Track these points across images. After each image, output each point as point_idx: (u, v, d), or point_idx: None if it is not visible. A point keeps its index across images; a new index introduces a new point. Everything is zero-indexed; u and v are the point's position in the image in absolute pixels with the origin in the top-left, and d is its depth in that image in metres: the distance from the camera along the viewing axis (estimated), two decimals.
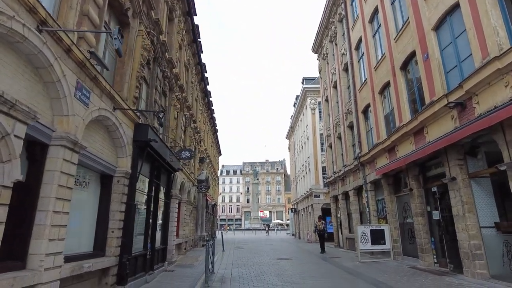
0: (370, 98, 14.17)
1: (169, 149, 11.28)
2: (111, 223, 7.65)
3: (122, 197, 7.93)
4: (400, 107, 11.34)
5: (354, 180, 16.79)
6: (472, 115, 7.51)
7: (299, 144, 38.14)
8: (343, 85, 18.52)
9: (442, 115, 8.79)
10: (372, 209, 14.49)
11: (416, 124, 9.94)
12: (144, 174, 9.69)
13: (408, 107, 10.94)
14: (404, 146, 11.14)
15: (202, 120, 26.69)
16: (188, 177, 18.47)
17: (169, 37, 14.18)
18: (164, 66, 12.29)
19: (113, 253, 7.53)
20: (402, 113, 11.16)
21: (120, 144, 7.97)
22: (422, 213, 10.44)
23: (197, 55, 20.08)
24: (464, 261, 8.10)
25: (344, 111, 18.32)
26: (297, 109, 37.48)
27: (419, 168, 10.67)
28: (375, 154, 13.64)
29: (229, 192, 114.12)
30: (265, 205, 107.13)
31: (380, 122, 13.23)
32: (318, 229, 18.53)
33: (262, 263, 12.80)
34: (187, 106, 17.53)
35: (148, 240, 9.89)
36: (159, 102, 11.50)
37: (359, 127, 15.72)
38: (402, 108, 11.20)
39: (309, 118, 31.46)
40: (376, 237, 12.43)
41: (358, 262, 12.11)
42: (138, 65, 8.88)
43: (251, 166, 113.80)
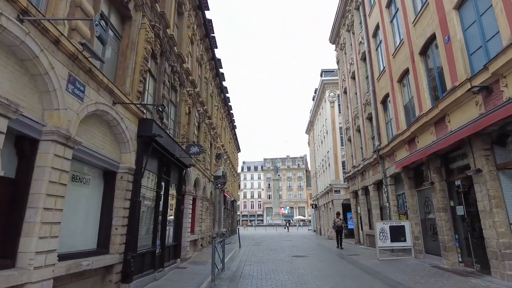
0: (389, 88, 13.40)
1: (178, 145, 11.09)
2: (115, 220, 7.53)
3: (126, 193, 7.79)
4: (420, 96, 10.58)
5: (374, 174, 16.05)
6: (500, 100, 6.77)
7: (319, 139, 37.32)
8: (361, 75, 17.72)
9: (465, 101, 8.04)
10: (392, 204, 13.76)
11: (437, 112, 9.19)
12: (151, 170, 9.56)
13: (428, 95, 10.17)
14: (424, 137, 10.39)
15: (219, 116, 26.54)
16: (204, 173, 18.35)
17: (179, 32, 14.00)
18: (173, 61, 12.10)
19: (117, 251, 7.41)
20: (422, 102, 10.40)
21: (123, 140, 7.82)
22: (444, 208, 9.70)
23: (210, 50, 19.84)
24: (492, 261, 7.38)
25: (362, 102, 17.54)
26: (316, 102, 36.63)
27: (441, 160, 9.92)
28: (394, 147, 12.89)
29: (250, 188, 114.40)
30: (286, 201, 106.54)
31: (399, 112, 12.47)
32: (336, 225, 18.77)
33: (276, 261, 12.45)
34: (200, 101, 17.35)
35: (157, 237, 9.77)
36: (167, 97, 11.33)
37: (378, 118, 14.96)
38: (422, 96, 10.43)
39: (328, 112, 30.62)
40: (396, 233, 11.75)
41: (377, 260, 11.50)
42: (142, 59, 8.69)
43: (272, 162, 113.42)
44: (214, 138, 23.07)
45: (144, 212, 8.99)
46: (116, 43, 8.07)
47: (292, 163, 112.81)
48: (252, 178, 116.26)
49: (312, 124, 42.66)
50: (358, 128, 19.01)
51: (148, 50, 8.91)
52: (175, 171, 11.96)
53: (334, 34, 23.75)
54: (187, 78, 14.41)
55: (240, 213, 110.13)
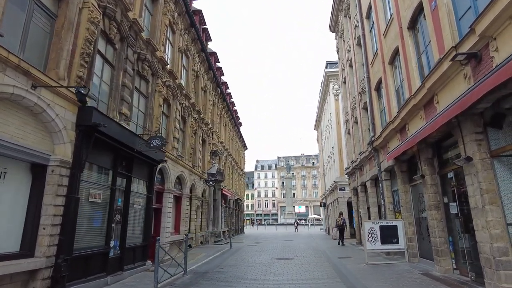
0: (381, 71, 12.00)
1: (140, 137, 10.15)
2: (43, 219, 6.64)
3: (58, 189, 6.89)
4: (410, 76, 9.20)
5: (371, 169, 14.65)
6: (490, 68, 5.41)
7: (325, 134, 35.81)
8: (358, 61, 16.29)
9: (452, 76, 6.68)
10: (388, 202, 12.36)
11: (425, 93, 7.82)
12: (102, 164, 8.65)
13: (418, 75, 8.78)
14: (414, 123, 9.01)
15: (215, 112, 25.58)
16: (191, 170, 17.41)
17: (153, 18, 13.08)
18: (139, 48, 11.18)
19: (44, 253, 6.52)
20: (412, 83, 9.02)
21: (53, 129, 6.92)
22: (437, 205, 8.30)
23: (198, 40, 18.84)
24: (485, 270, 6.01)
25: (358, 91, 16.12)
26: (321, 96, 35.11)
27: (432, 149, 8.52)
28: (387, 136, 11.50)
29: (264, 187, 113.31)
30: (301, 199, 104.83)
31: (391, 98, 11.08)
32: (338, 224, 19.51)
33: (254, 264, 11.33)
34: (184, 94, 16.41)
35: (111, 237, 8.85)
36: (130, 86, 10.41)
37: (372, 107, 13.55)
38: (412, 76, 9.05)
39: (332, 105, 29.12)
40: (387, 234, 10.39)
41: (365, 265, 10.19)
42: (84, 41, 7.77)
43: (286, 160, 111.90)
44: (208, 134, 22.12)
45: (90, 210, 8.08)
46: (48, 22, 7.17)
47: (306, 161, 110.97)
48: (266, 177, 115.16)
49: (319, 119, 41.12)
50: (356, 119, 17.57)
51: (91, 31, 7.96)
52: (142, 167, 11.03)
53: (333, 22, 22.31)
54: (164, 68, 13.49)
55: (254, 212, 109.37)
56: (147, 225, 11.47)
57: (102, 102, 9.17)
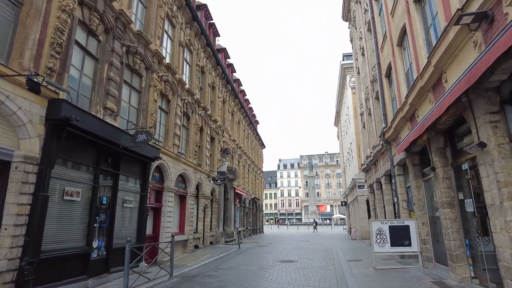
0: (390, 55, 10.82)
1: (126, 133, 9.63)
2: (6, 219, 6.21)
3: (23, 186, 6.44)
4: (417, 55, 8.05)
5: (384, 164, 13.43)
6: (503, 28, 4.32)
7: (344, 130, 34.32)
8: (369, 48, 15.07)
9: (461, 46, 5.57)
10: (401, 199, 11.15)
11: (432, 71, 6.71)
12: (80, 161, 8.17)
13: (426, 53, 7.63)
14: (423, 108, 7.87)
15: (226, 109, 24.98)
16: (196, 168, 16.86)
17: (147, 11, 12.61)
18: (129, 40, 10.70)
19: (5, 256, 6.07)
20: (420, 63, 7.88)
21: (16, 123, 6.48)
22: (450, 202, 7.14)
23: (202, 35, 18.27)
24: (506, 282, 4.89)
25: (370, 79, 14.90)
26: (339, 90, 33.65)
27: (444, 137, 7.35)
28: (397, 126, 10.33)
29: (287, 186, 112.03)
30: (325, 199, 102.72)
31: (400, 83, 9.91)
32: None
33: (252, 267, 10.54)
34: (186, 90, 15.87)
35: (93, 238, 8.37)
36: (117, 80, 9.93)
37: (383, 95, 12.36)
38: (419, 55, 7.90)
39: (349, 98, 27.71)
40: (398, 236, 9.25)
41: (373, 269, 9.12)
42: (54, 30, 7.31)
43: (309, 159, 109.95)
44: (217, 131, 21.52)
45: (65, 209, 7.60)
46: (12, 10, 6.74)
47: (330, 160, 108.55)
48: (288, 176, 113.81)
49: (339, 115, 39.57)
50: (369, 111, 16.32)
51: (63, 20, 7.49)
52: (133, 164, 10.53)
53: (345, 9, 21.04)
54: (160, 62, 12.98)
55: (277, 211, 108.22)
56: (140, 225, 10.97)
57: (83, 96, 8.72)
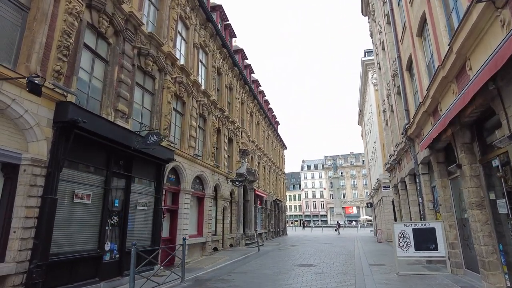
0: (411, 46, 10.16)
1: (138, 135, 9.57)
2: (14, 222, 6.24)
3: (31, 189, 6.47)
4: (438, 44, 7.42)
5: (408, 162, 12.68)
6: None
7: (368, 129, 33.21)
8: (389, 42, 14.34)
9: (486, 28, 4.98)
10: (427, 200, 10.42)
11: (454, 59, 6.11)
12: (91, 163, 8.17)
13: (447, 40, 7.00)
14: (446, 101, 7.22)
15: (245, 110, 24.78)
16: (214, 170, 16.73)
17: (159, 13, 12.62)
18: (140, 42, 10.71)
19: (14, 258, 6.10)
20: (441, 51, 7.25)
21: (24, 126, 6.52)
22: (480, 203, 6.47)
23: (217, 36, 18.17)
24: None
25: (391, 74, 14.16)
26: (362, 87, 32.61)
27: (470, 131, 6.70)
28: (419, 122, 9.64)
29: (311, 188, 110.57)
30: (351, 200, 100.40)
31: (422, 75, 9.24)
32: None
33: (268, 271, 10.18)
34: (202, 91, 15.79)
35: (105, 240, 8.34)
36: (128, 82, 9.93)
37: (405, 90, 11.65)
38: (440, 43, 7.27)
39: (372, 96, 26.73)
40: (423, 239, 8.58)
41: (395, 275, 8.51)
42: (61, 33, 7.34)
43: (333, 159, 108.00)
44: (235, 133, 21.35)
45: (75, 212, 7.60)
46: (19, 15, 6.82)
47: (355, 160, 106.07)
48: (313, 177, 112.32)
49: (362, 113, 38.38)
50: (391, 107, 15.54)
51: (69, 23, 7.51)
52: (146, 166, 10.48)
53: (364, 3, 20.28)
54: (173, 64, 12.95)
55: (302, 213, 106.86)
56: (155, 227, 10.89)
57: (93, 98, 8.75)
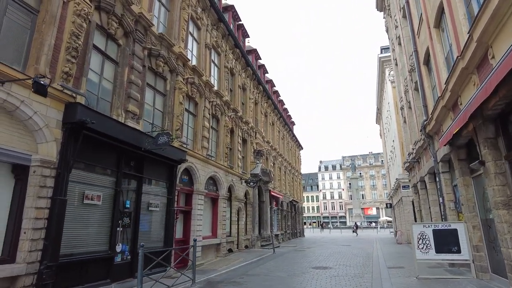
0: (428, 38, 9.70)
1: (148, 135, 9.54)
2: (25, 223, 6.29)
3: (41, 190, 6.51)
4: (457, 33, 7.00)
5: (427, 161, 12.13)
6: None
7: (386, 127, 32.36)
8: (405, 36, 13.83)
9: (509, 13, 4.59)
10: (448, 199, 9.91)
11: (474, 47, 5.70)
12: (101, 164, 8.19)
13: (467, 29, 6.58)
14: (467, 93, 6.79)
15: (259, 110, 24.62)
16: (227, 170, 16.63)
17: (170, 14, 12.64)
18: (150, 43, 10.72)
19: (24, 259, 6.14)
20: (460, 41, 6.82)
21: (33, 128, 6.57)
22: (506, 202, 6.00)
23: (229, 36, 18.09)
24: None
25: (408, 69, 13.63)
26: (379, 85, 31.80)
27: (494, 125, 6.25)
28: (438, 118, 9.17)
29: (329, 189, 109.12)
30: (371, 201, 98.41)
31: (440, 68, 8.78)
32: None
33: (281, 274, 9.93)
34: (215, 92, 15.73)
35: (116, 242, 8.33)
36: (138, 83, 9.94)
37: (423, 85, 11.16)
38: (459, 33, 6.85)
39: (390, 93, 26.01)
40: (444, 241, 8.12)
41: (415, 279, 8.09)
42: (69, 35, 7.38)
43: (351, 159, 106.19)
44: (249, 133, 21.20)
45: (85, 213, 7.62)
46: (28, 18, 6.89)
47: (374, 160, 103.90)
48: (330, 178, 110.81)
49: (380, 111, 37.46)
50: (409, 104, 14.97)
51: (78, 24, 7.55)
52: (158, 167, 10.46)
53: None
54: (185, 65, 12.92)
55: (320, 214, 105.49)
56: (168, 228, 10.85)
57: (103, 99, 8.79)
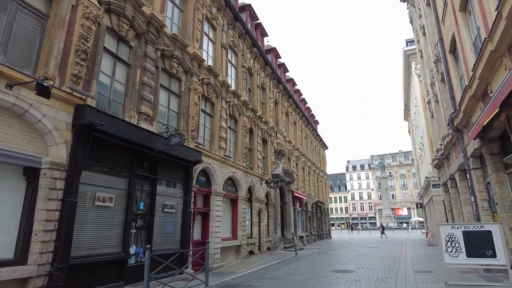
0: (453, 24, 8.97)
1: (161, 136, 9.48)
2: (36, 225, 6.35)
3: (51, 193, 6.56)
4: (485, 14, 6.33)
5: (457, 157, 11.27)
6: None
7: (414, 124, 30.90)
8: (430, 25, 12.98)
9: None
10: (480, 198, 9.09)
11: (504, 26, 5.09)
12: (113, 166, 8.19)
13: (495, 6, 5.92)
14: (497, 79, 6.11)
15: (279, 109, 24.25)
16: (246, 171, 16.40)
17: (184, 15, 12.62)
18: (164, 44, 10.71)
19: (35, 261, 6.19)
20: (488, 21, 6.17)
21: (43, 130, 6.63)
22: None
23: (247, 35, 17.89)
24: None
25: (434, 60, 12.78)
26: (405, 80, 30.42)
27: None
28: (467, 109, 8.42)
29: (358, 189, 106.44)
30: (401, 201, 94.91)
31: (467, 55, 8.05)
32: None
33: (299, 277, 9.53)
34: (232, 92, 15.58)
35: (129, 244, 8.31)
36: (151, 84, 9.92)
37: (449, 75, 10.36)
38: (488, 13, 6.19)
39: (417, 87, 24.77)
40: (476, 244, 7.39)
41: (444, 285, 7.44)
42: (78, 38, 7.44)
43: (380, 158, 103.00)
44: (269, 133, 20.88)
45: (97, 215, 7.63)
46: (38, 23, 6.99)
47: (405, 159, 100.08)
48: (359, 178, 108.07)
49: (408, 107, 35.88)
50: (436, 97, 14.05)
51: (87, 27, 7.59)
52: (173, 168, 10.39)
53: None
54: (200, 65, 12.85)
55: (349, 215, 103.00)
56: (184, 230, 10.76)
57: (115, 101, 8.82)
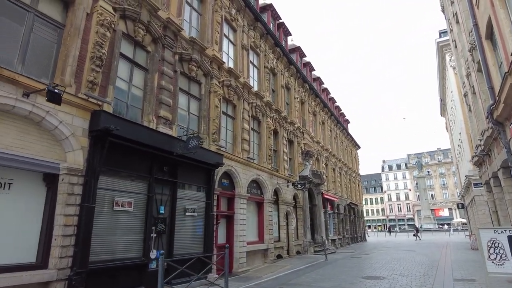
0: (489, 6, 8.13)
1: (180, 140, 9.43)
2: (55, 229, 6.47)
3: (69, 198, 6.66)
4: None
5: (499, 152, 10.25)
6: None
7: (451, 119, 28.98)
8: (463, 11, 11.97)
9: None
10: None
11: None
12: (132, 171, 8.22)
13: None
14: None
15: (306, 109, 23.72)
16: (272, 173, 16.09)
17: (202, 18, 12.62)
18: (181, 48, 10.72)
19: (55, 265, 6.31)
20: None
21: (60, 137, 6.76)
22: None
23: (269, 35, 17.63)
24: None
25: (468, 48, 11.76)
26: (439, 73, 28.63)
27: None
28: (508, 99, 7.54)
29: (395, 190, 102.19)
30: (441, 201, 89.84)
31: (507, 39, 7.23)
32: None
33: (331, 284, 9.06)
34: (254, 93, 15.37)
35: (150, 248, 8.28)
36: (170, 88, 9.93)
37: (486, 63, 9.44)
38: None
39: (452, 80, 23.18)
40: None
41: None
42: (93, 45, 7.56)
43: (417, 157, 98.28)
44: (295, 134, 20.41)
45: (116, 220, 7.66)
46: (55, 32, 7.17)
47: (443, 157, 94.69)
48: (395, 178, 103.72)
49: (444, 102, 33.78)
50: (473, 89, 12.93)
51: (101, 34, 7.70)
52: (193, 172, 10.30)
53: None
54: (220, 68, 12.76)
55: (386, 217, 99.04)
56: (207, 234, 10.64)
57: (134, 106, 8.89)
